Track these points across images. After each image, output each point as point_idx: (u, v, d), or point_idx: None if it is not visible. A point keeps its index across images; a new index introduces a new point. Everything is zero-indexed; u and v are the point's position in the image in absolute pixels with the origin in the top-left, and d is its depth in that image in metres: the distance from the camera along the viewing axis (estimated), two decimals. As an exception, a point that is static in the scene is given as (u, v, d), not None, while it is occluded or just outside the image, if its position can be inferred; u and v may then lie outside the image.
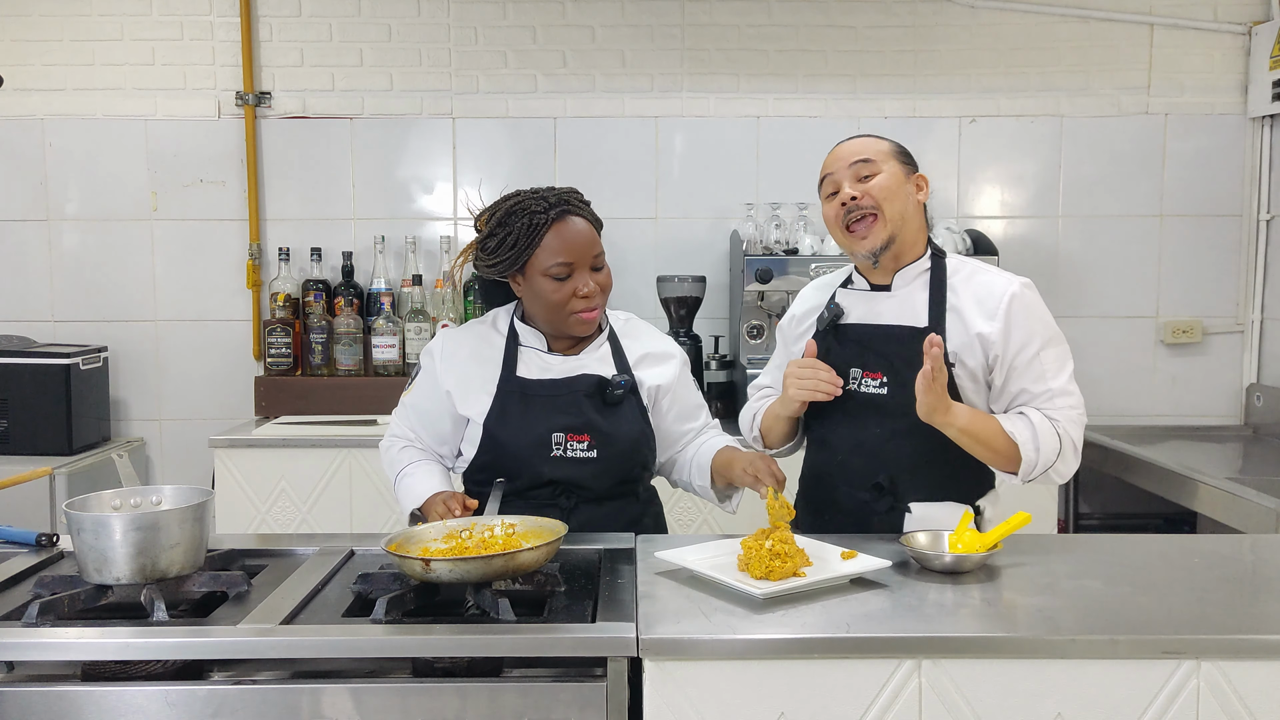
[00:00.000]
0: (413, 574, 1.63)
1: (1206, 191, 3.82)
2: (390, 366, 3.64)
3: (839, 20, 3.78)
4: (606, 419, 2.05)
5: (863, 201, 1.98)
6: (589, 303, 2.02)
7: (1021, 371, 1.98)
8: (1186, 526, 3.57)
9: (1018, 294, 1.98)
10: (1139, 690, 1.49)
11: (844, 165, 2.02)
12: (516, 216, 2.00)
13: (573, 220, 2.01)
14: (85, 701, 1.49)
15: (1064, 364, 2.00)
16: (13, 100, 3.75)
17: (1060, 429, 1.96)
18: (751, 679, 1.49)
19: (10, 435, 3.46)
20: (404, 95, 3.79)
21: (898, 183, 2.00)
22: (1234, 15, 3.76)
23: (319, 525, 3.26)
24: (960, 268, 2.06)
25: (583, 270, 2.01)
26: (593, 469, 2.04)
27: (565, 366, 2.09)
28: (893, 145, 2.07)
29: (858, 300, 2.10)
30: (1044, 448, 1.94)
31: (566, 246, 1.99)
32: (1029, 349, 1.97)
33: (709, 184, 3.82)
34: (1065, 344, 2.03)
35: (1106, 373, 3.87)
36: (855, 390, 2.04)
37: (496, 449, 2.06)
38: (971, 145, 3.82)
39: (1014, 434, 1.93)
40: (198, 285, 3.82)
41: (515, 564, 1.62)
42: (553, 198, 2.02)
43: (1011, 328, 1.96)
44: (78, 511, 1.66)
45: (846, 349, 2.06)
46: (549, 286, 2.01)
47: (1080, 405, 2.00)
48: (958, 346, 1.98)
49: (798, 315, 2.22)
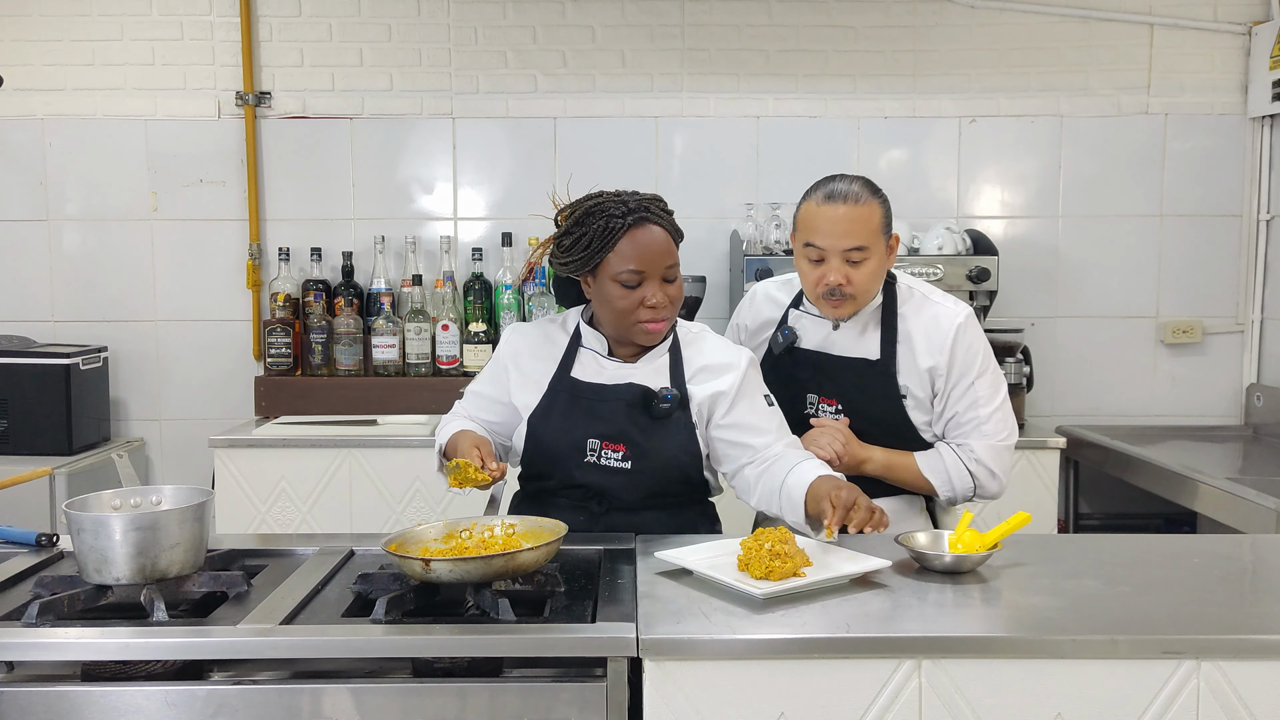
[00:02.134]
0: (413, 574, 1.63)
1: (1206, 191, 3.81)
2: (390, 366, 3.64)
3: (839, 20, 3.78)
4: (646, 431, 2.02)
5: (846, 289, 2.06)
6: (656, 313, 1.98)
7: (956, 399, 2.11)
8: (1186, 526, 3.57)
9: (963, 325, 2.10)
10: (1139, 690, 1.49)
11: (836, 249, 2.04)
12: (594, 218, 1.97)
13: (649, 228, 1.98)
14: (85, 701, 1.49)
15: (996, 392, 2.12)
16: (13, 100, 3.75)
17: (971, 463, 2.10)
18: (751, 679, 1.49)
19: (10, 435, 3.46)
20: (404, 95, 3.79)
21: (880, 266, 2.09)
22: (1234, 15, 3.76)
23: (319, 525, 3.26)
24: (909, 296, 2.16)
25: (653, 280, 1.97)
26: (624, 480, 2.02)
27: (618, 373, 2.06)
28: (881, 211, 2.07)
29: (811, 326, 2.19)
30: (957, 483, 2.12)
31: (639, 254, 1.96)
32: (966, 379, 2.10)
33: (709, 184, 3.82)
34: (1000, 373, 2.16)
35: (1106, 373, 3.87)
36: (814, 415, 2.16)
37: (536, 445, 2.07)
38: (971, 145, 3.82)
39: (928, 475, 2.12)
40: (198, 285, 3.82)
41: (515, 564, 1.62)
42: (633, 203, 1.98)
43: (954, 360, 2.09)
44: (78, 511, 1.66)
45: (802, 373, 2.18)
46: (618, 292, 1.98)
47: (1005, 431, 2.12)
48: (907, 379, 2.12)
49: (750, 328, 2.30)
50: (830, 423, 2.11)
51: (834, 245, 2.03)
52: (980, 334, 2.13)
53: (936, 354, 2.09)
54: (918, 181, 3.81)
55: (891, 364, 2.11)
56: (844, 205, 2.03)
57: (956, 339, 2.08)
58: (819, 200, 2.06)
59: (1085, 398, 3.87)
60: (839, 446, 2.05)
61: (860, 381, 2.13)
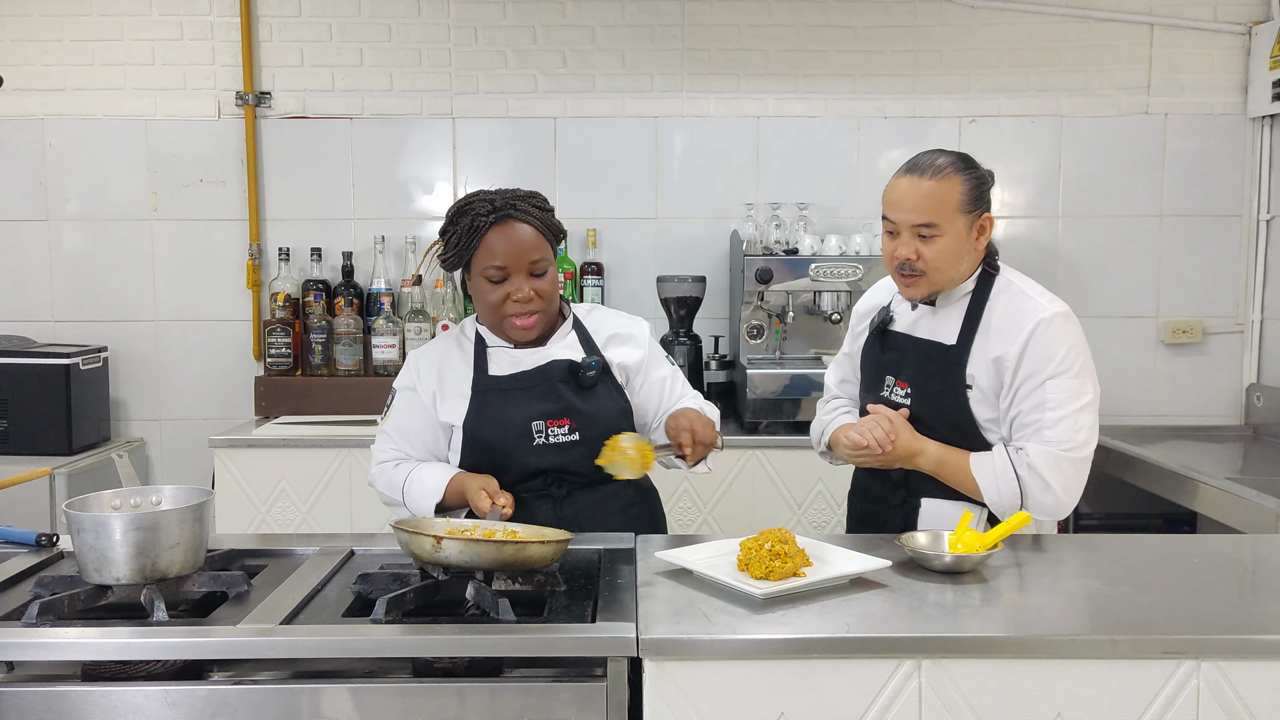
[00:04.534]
0: (421, 553, 1.62)
1: (1206, 191, 3.81)
2: (390, 366, 3.64)
3: (839, 20, 3.78)
4: (584, 401, 2.07)
5: (916, 265, 1.99)
6: (523, 307, 2.03)
7: (1023, 397, 1.96)
8: (1186, 526, 3.57)
9: (1046, 321, 1.95)
10: (1139, 690, 1.49)
11: (906, 223, 1.98)
12: (463, 216, 2.04)
13: (514, 225, 2.02)
14: (85, 701, 1.49)
15: (1072, 398, 1.94)
16: (13, 100, 3.75)
17: (1022, 468, 1.95)
18: (751, 679, 1.49)
19: (10, 435, 3.46)
20: (404, 95, 3.79)
21: (957, 245, 1.98)
22: (1234, 15, 3.76)
23: (319, 525, 3.26)
24: (1005, 288, 2.04)
25: (518, 274, 2.02)
26: (578, 452, 2.06)
27: (535, 357, 2.11)
28: (963, 187, 1.97)
29: (906, 310, 2.15)
30: (1004, 487, 1.97)
31: (503, 250, 2.01)
32: (1037, 376, 1.94)
33: (709, 184, 3.82)
34: (1086, 380, 1.96)
35: (1106, 373, 3.81)
36: (887, 397, 2.11)
37: (480, 448, 2.08)
38: (971, 145, 3.81)
39: (975, 474, 2.00)
40: (198, 285, 3.82)
41: (525, 555, 1.62)
42: (499, 200, 2.03)
43: (1027, 352, 1.95)
44: (78, 511, 1.66)
45: (887, 356, 2.15)
46: (485, 288, 2.04)
47: (1075, 442, 1.94)
48: (976, 369, 2.00)
49: (861, 312, 2.29)
50: (884, 410, 2.04)
51: (904, 219, 1.98)
52: (1070, 334, 1.95)
53: (1008, 344, 1.95)
54: (918, 181, 3.81)
55: (965, 352, 2.01)
56: (919, 178, 1.98)
57: (1035, 333, 1.93)
58: (900, 172, 2.02)
59: (1085, 398, 3.86)
60: (880, 434, 1.97)
61: (930, 367, 2.05)
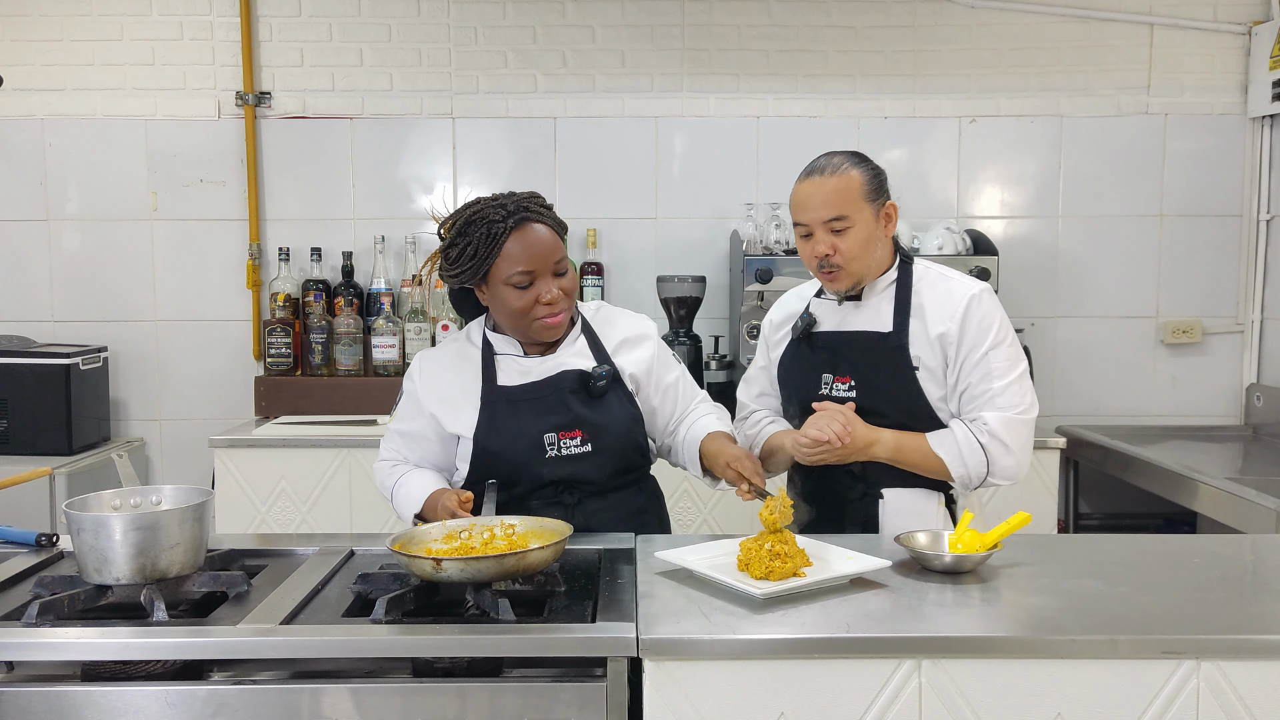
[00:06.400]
0: (422, 574, 1.62)
1: (1206, 191, 3.82)
2: (390, 366, 3.64)
3: (839, 20, 3.78)
4: (595, 411, 2.05)
5: (834, 259, 2.08)
6: (553, 309, 2.00)
7: (969, 370, 2.07)
8: (1186, 526, 3.57)
9: (976, 296, 2.08)
10: (1139, 690, 1.49)
11: (817, 221, 2.08)
12: (475, 226, 1.97)
13: (532, 227, 1.98)
14: (85, 701, 1.49)
15: (1012, 365, 2.08)
16: (13, 100, 3.75)
17: (983, 435, 2.04)
18: (751, 679, 1.49)
19: (10, 435, 3.46)
20: (404, 95, 3.79)
21: (868, 233, 2.08)
22: (1234, 15, 3.76)
23: (319, 525, 3.26)
24: (925, 274, 2.17)
25: (545, 277, 1.99)
26: (591, 463, 2.04)
27: (544, 367, 2.07)
28: (862, 179, 2.09)
29: (829, 310, 2.21)
30: (969, 457, 2.05)
31: (527, 254, 1.97)
32: (979, 349, 2.06)
33: (709, 184, 3.82)
34: (1018, 347, 2.11)
35: (1106, 373, 3.87)
36: (828, 394, 2.15)
37: (491, 460, 2.04)
38: (971, 145, 3.82)
39: (938, 450, 2.06)
40: (198, 285, 3.82)
41: (526, 563, 1.62)
42: (511, 205, 1.99)
43: (966, 329, 2.07)
44: (78, 511, 1.66)
45: (818, 355, 2.19)
46: (512, 295, 1.99)
47: (1023, 405, 2.06)
48: (919, 350, 2.10)
49: (776, 321, 2.34)
50: (832, 406, 2.07)
51: (815, 217, 2.08)
52: (996, 307, 2.10)
53: (948, 321, 2.07)
54: (918, 181, 3.81)
55: (904, 335, 2.10)
56: (821, 178, 2.09)
57: (969, 309, 2.06)
58: (801, 178, 2.13)
59: (1085, 397, 3.87)
60: (838, 428, 2.00)
61: (872, 356, 2.12)
